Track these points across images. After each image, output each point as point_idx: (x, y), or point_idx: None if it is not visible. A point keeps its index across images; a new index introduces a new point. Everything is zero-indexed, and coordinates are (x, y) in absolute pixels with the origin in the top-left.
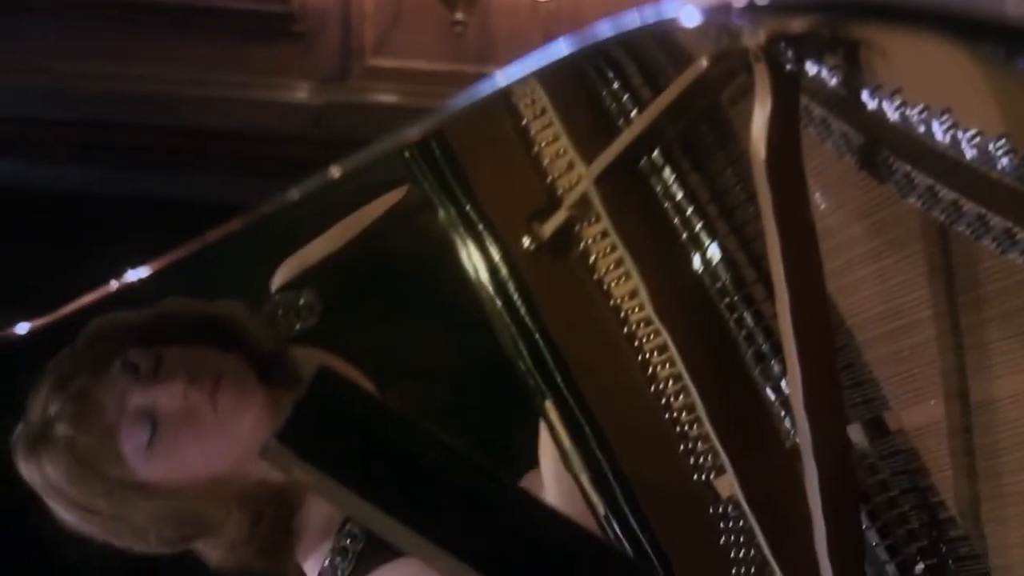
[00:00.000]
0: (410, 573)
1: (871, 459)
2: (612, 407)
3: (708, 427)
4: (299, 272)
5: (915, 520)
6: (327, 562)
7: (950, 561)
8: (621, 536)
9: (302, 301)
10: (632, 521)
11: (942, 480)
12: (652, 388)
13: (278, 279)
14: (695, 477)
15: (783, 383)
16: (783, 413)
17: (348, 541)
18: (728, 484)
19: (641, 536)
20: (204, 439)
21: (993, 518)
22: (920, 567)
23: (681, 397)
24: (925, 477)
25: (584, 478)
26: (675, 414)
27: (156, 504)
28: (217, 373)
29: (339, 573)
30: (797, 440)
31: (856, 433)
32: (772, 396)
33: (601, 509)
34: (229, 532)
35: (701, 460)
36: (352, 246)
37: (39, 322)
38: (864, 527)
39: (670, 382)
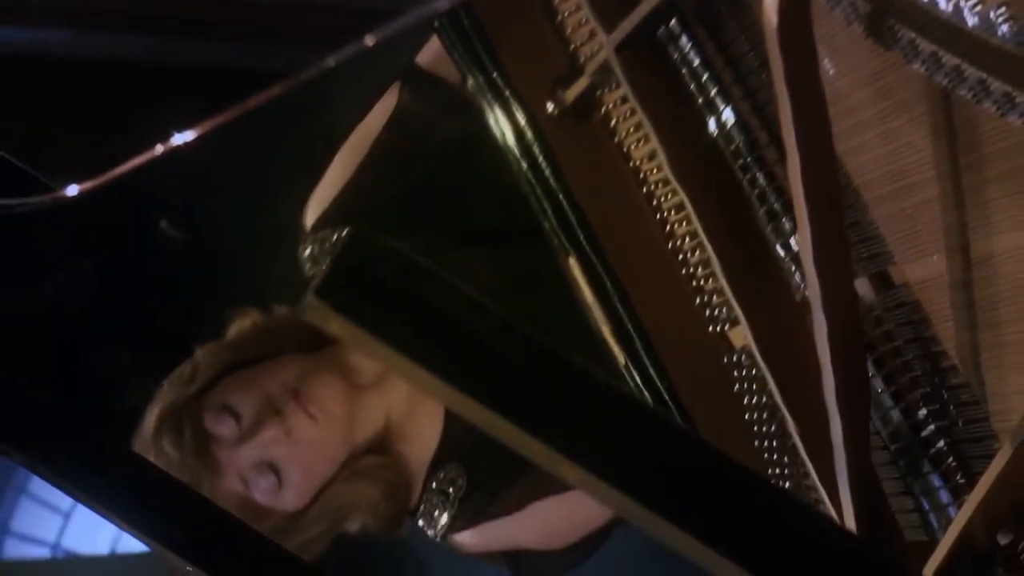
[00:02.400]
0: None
1: (877, 311)
2: (632, 263)
3: (723, 281)
4: (328, 207)
5: (918, 368)
6: (425, 500)
7: (951, 407)
8: (641, 385)
9: (336, 238)
10: (651, 370)
11: (944, 331)
12: (670, 245)
13: (310, 217)
14: (710, 328)
15: (793, 240)
16: (793, 268)
17: (448, 487)
18: (741, 335)
19: (659, 384)
20: (322, 448)
21: (992, 366)
22: (923, 412)
23: (697, 253)
24: (928, 328)
25: (605, 330)
26: (691, 269)
27: (311, 523)
28: (289, 386)
29: (438, 513)
30: (807, 293)
31: (863, 286)
32: (783, 252)
33: (621, 359)
34: (366, 498)
35: (716, 312)
36: (369, 168)
37: (88, 184)
38: (870, 375)
39: (687, 239)
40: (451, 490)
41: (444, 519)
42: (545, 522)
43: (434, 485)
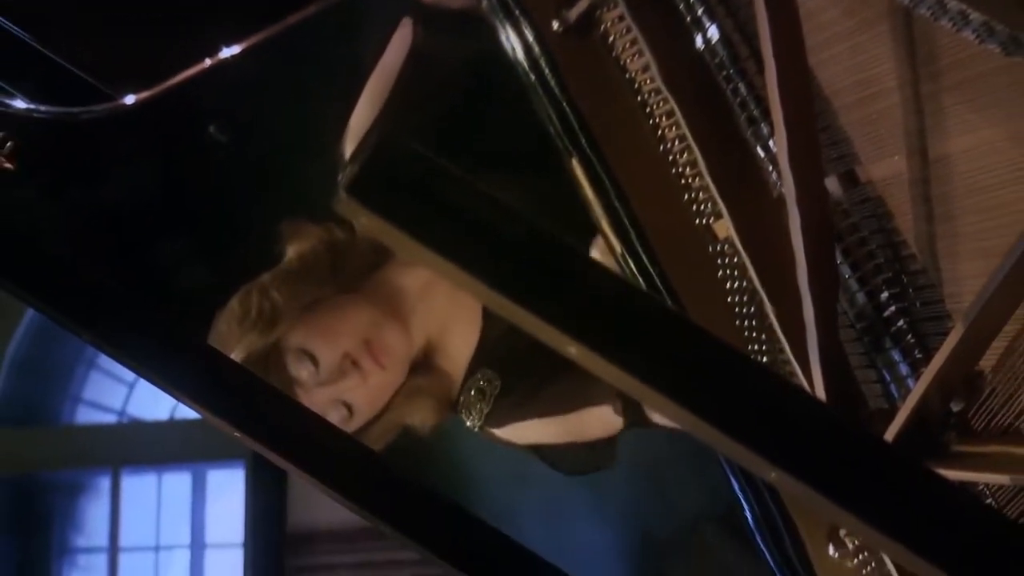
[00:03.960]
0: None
1: (844, 205)
2: (627, 163)
3: (708, 180)
4: (363, 139)
5: (881, 256)
6: (463, 396)
7: (910, 290)
8: (635, 272)
9: None
10: (644, 259)
11: (904, 223)
12: (661, 148)
13: (347, 149)
14: (697, 221)
15: (771, 143)
16: (771, 168)
17: (486, 387)
18: (724, 227)
19: (652, 271)
20: (389, 386)
21: (947, 254)
22: (885, 295)
23: (685, 155)
24: (890, 220)
25: (604, 223)
26: (680, 169)
27: (372, 439)
28: (362, 337)
29: (477, 407)
30: (783, 190)
31: (832, 184)
32: (762, 154)
33: (618, 248)
34: (419, 413)
35: (702, 207)
36: (396, 99)
37: (144, 94)
38: (838, 262)
39: (676, 142)
40: (488, 390)
41: (481, 414)
42: (576, 427)
43: (471, 385)
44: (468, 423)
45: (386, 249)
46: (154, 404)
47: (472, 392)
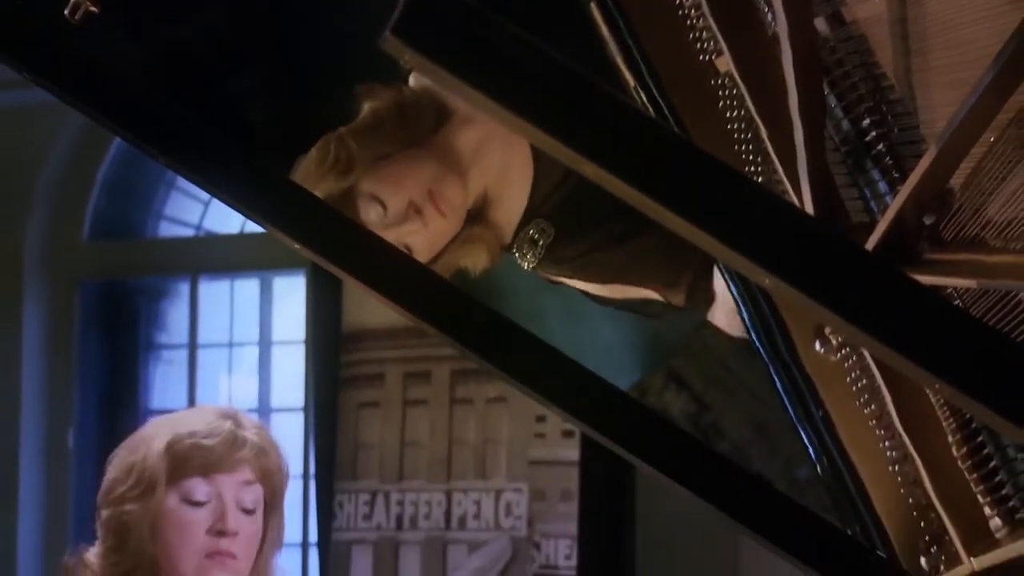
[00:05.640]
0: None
1: (832, 43)
2: (638, 6)
3: (710, 20)
4: None
5: (863, 87)
6: (517, 243)
7: (889, 117)
8: (646, 102)
9: None
10: (654, 90)
11: (884, 58)
12: None
13: None
14: (701, 57)
15: None
16: (766, 9)
17: (533, 233)
18: (725, 62)
19: (661, 102)
20: (447, 232)
21: (922, 86)
22: (867, 122)
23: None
24: (871, 55)
25: (619, 59)
26: (686, 11)
27: None
28: (426, 187)
29: (531, 254)
30: (777, 29)
31: (820, 23)
32: None
33: (632, 82)
34: (473, 258)
35: (705, 45)
36: None
37: None
38: (825, 92)
39: None
40: (541, 239)
41: (536, 258)
42: (631, 293)
43: (524, 234)
44: (522, 264)
45: (446, 108)
46: (226, 220)
47: (525, 241)
